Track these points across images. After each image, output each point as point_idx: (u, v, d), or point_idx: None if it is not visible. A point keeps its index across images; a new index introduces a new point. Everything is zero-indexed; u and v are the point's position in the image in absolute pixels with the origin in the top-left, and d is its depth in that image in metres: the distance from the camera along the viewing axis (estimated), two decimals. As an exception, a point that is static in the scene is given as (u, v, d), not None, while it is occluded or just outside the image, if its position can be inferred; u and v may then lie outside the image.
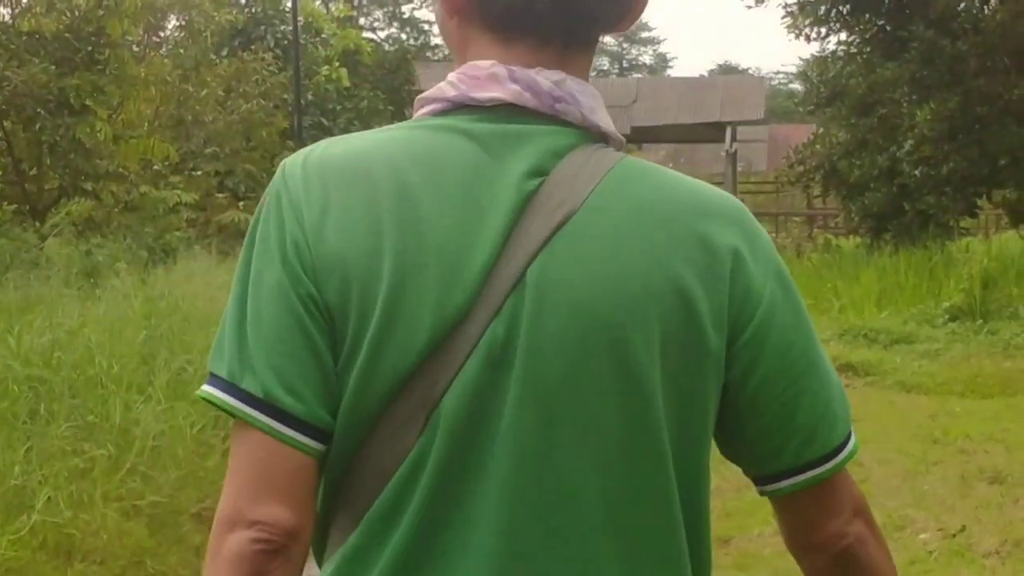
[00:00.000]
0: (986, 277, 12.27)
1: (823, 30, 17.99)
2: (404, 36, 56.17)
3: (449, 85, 1.20)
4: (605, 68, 68.25)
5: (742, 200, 1.28)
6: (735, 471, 1.30)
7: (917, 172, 16.17)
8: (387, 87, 18.72)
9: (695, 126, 31.36)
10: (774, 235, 24.72)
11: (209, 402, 1.16)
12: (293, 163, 1.18)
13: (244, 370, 1.12)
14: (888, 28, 17.22)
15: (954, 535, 5.38)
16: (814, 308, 11.85)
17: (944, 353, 10.61)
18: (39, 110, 10.14)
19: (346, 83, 17.40)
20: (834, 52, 18.34)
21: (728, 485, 5.72)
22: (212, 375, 1.15)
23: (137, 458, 6.16)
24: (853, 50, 17.87)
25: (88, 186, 10.86)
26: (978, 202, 17.33)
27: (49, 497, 5.47)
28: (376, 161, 1.15)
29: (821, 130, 18.53)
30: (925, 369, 9.96)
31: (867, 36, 17.55)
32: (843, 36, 18.11)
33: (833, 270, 15.23)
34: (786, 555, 1.34)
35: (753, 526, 5.57)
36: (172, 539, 6.07)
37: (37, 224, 9.89)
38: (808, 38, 18.15)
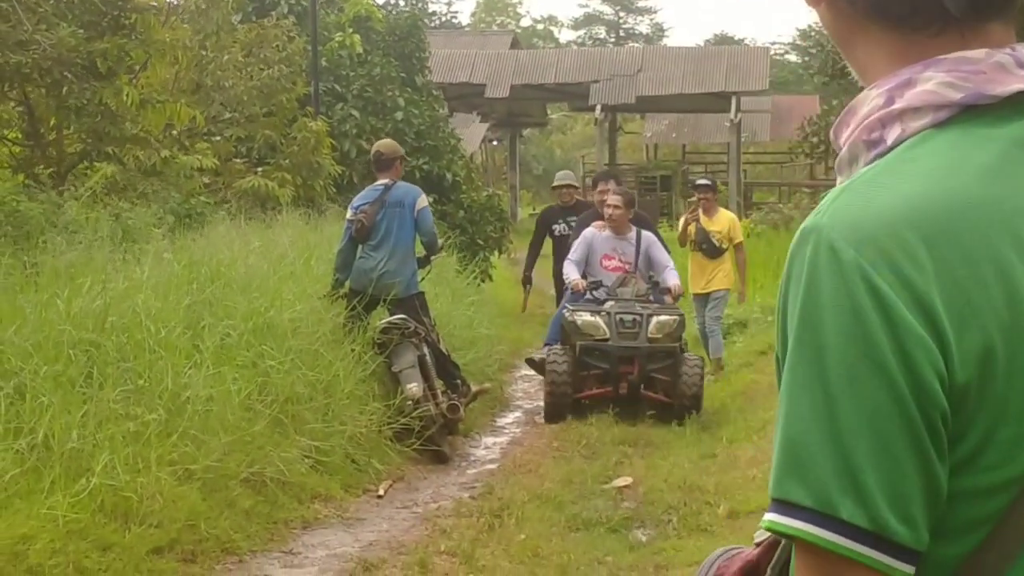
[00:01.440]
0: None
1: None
2: (402, 3, 55.75)
3: (946, 87, 1.04)
4: (602, 37, 67.87)
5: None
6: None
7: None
8: (398, 54, 18.63)
9: (700, 96, 31.17)
10: (779, 205, 24.65)
11: (782, 535, 1.01)
12: (845, 230, 0.99)
13: (844, 496, 0.96)
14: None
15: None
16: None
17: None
18: (66, 74, 10.09)
19: (359, 49, 17.32)
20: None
21: (765, 456, 5.75)
22: (784, 503, 0.99)
23: (188, 423, 6.18)
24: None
25: (111, 150, 10.82)
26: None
27: (107, 461, 5.50)
28: (971, 208, 0.99)
29: (836, 101, 18.54)
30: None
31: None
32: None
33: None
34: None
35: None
36: (223, 503, 6.10)
37: (70, 188, 9.85)
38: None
